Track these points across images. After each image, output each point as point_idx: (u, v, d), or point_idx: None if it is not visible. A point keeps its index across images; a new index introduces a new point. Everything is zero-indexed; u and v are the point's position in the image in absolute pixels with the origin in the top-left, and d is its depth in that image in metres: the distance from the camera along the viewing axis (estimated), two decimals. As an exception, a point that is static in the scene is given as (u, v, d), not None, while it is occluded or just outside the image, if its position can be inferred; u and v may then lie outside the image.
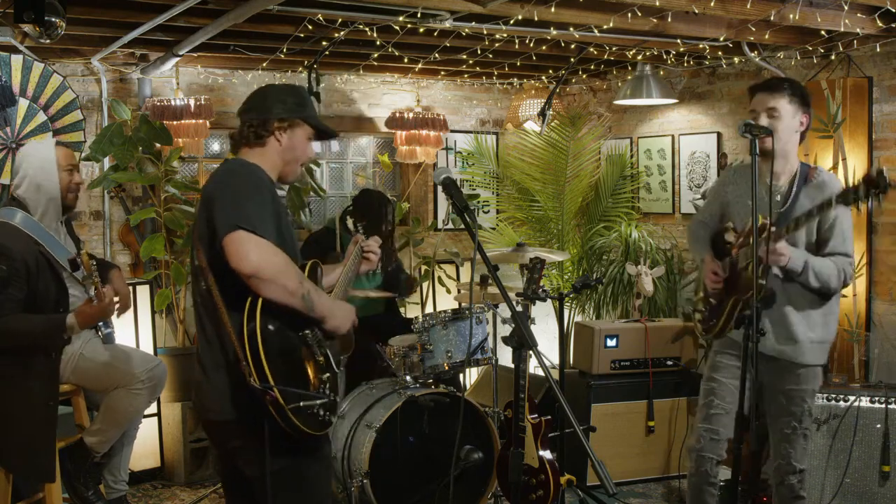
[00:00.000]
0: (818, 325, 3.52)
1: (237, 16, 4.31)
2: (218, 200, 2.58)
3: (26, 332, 3.57)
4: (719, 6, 4.30)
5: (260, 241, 2.50)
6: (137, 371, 3.90)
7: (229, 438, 2.70)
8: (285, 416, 2.50)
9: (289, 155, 2.80)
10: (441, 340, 4.45)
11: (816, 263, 3.41)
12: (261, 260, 2.47)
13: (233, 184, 2.63)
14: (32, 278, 3.59)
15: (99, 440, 3.92)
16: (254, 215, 2.53)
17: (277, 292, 2.51)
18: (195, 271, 2.71)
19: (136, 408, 3.96)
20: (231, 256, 2.48)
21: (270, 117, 2.76)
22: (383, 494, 4.15)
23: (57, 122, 5.25)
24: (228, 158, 2.87)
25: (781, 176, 3.54)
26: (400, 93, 6.73)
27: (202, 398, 2.72)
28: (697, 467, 3.64)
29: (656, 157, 6.53)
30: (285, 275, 2.53)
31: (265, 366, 2.47)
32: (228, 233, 2.49)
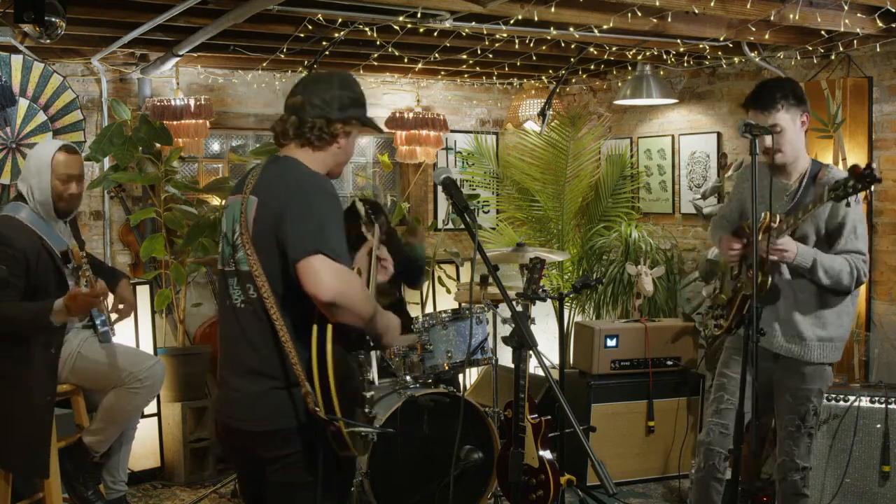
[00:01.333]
0: (830, 324, 3.51)
1: (237, 16, 4.31)
2: (295, 217, 2.45)
3: (15, 317, 3.58)
4: (719, 6, 4.29)
5: (340, 268, 2.42)
6: (135, 370, 3.90)
7: (264, 448, 2.57)
8: (342, 443, 2.47)
9: (342, 157, 2.70)
10: (441, 340, 4.45)
11: (826, 260, 3.40)
12: (342, 289, 2.40)
13: (307, 199, 2.49)
14: (32, 270, 3.62)
15: (98, 439, 3.92)
16: (333, 239, 2.44)
17: (351, 319, 2.45)
18: (240, 274, 2.56)
19: (135, 406, 3.96)
20: (308, 281, 2.39)
21: (335, 119, 2.61)
22: (383, 494, 4.15)
23: (57, 122, 5.25)
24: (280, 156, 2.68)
25: (793, 175, 3.54)
26: (400, 93, 6.73)
27: (233, 406, 2.61)
28: (706, 461, 3.65)
29: (656, 157, 6.53)
30: (362, 303, 2.47)
31: (335, 400, 2.41)
32: (307, 256, 2.40)
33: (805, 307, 3.50)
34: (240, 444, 2.67)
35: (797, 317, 3.50)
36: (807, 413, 3.54)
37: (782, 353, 3.53)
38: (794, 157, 3.51)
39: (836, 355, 3.57)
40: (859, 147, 5.05)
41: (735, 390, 3.61)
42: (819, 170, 3.54)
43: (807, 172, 3.54)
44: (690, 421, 5.30)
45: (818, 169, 3.54)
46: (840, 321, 3.54)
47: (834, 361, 3.59)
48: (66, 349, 3.83)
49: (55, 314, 3.58)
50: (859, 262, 3.44)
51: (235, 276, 2.58)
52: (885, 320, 5.02)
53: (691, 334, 5.35)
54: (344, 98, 2.63)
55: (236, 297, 2.58)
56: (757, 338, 3.12)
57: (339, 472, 2.62)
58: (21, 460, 3.70)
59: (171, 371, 5.21)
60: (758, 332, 3.12)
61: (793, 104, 3.45)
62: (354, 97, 2.67)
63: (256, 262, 2.50)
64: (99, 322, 3.93)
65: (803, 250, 3.38)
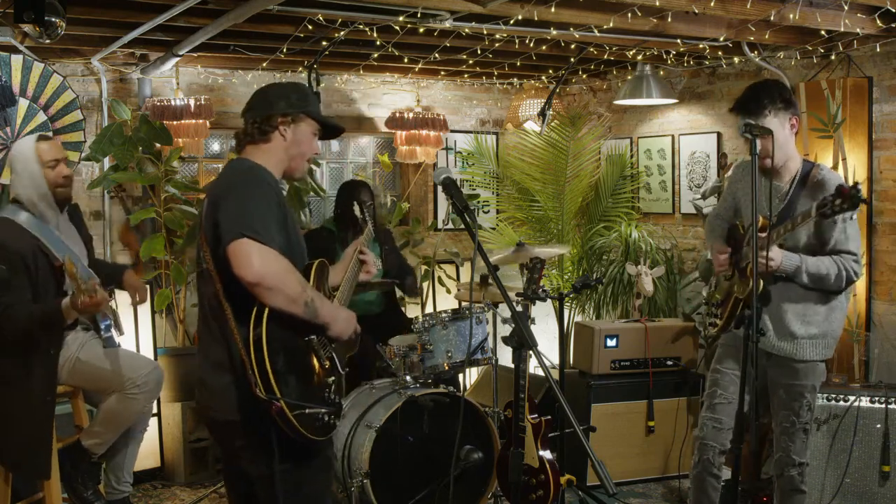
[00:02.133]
0: (821, 322, 3.53)
1: (237, 16, 4.31)
2: (223, 205, 2.58)
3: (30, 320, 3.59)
4: (719, 6, 4.30)
5: (263, 248, 2.49)
6: (134, 375, 3.89)
7: (232, 438, 2.70)
8: (290, 425, 2.51)
9: (294, 150, 2.79)
10: (441, 340, 4.45)
11: (811, 264, 3.42)
12: (264, 268, 2.47)
13: (237, 188, 2.62)
14: (31, 270, 3.63)
15: (96, 442, 3.92)
16: (258, 222, 2.52)
17: (281, 300, 2.51)
18: (202, 272, 2.70)
19: (133, 412, 3.95)
20: (235, 264, 2.48)
21: (274, 113, 2.75)
22: (383, 494, 4.15)
23: (57, 122, 5.25)
24: (233, 158, 2.86)
25: (784, 177, 3.55)
26: (400, 93, 6.73)
27: (205, 397, 2.73)
28: (700, 455, 3.69)
29: (656, 157, 6.53)
30: (288, 283, 2.52)
31: (271, 377, 2.47)
32: (232, 240, 2.49)
33: (796, 306, 3.52)
34: (217, 432, 2.82)
35: (788, 315, 3.52)
36: (801, 409, 3.56)
37: (774, 351, 3.56)
38: (783, 161, 3.52)
39: (828, 352, 3.59)
40: (859, 147, 5.05)
41: (728, 385, 3.64)
42: (810, 170, 3.54)
43: (797, 173, 3.54)
44: (690, 421, 5.30)
45: (809, 168, 3.55)
46: (831, 318, 3.55)
47: (826, 358, 3.61)
48: (65, 353, 3.83)
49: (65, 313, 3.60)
50: (849, 263, 3.46)
51: (202, 274, 2.71)
52: (885, 320, 5.02)
53: (691, 334, 5.35)
54: (287, 95, 2.79)
55: (202, 293, 2.72)
56: (757, 338, 3.12)
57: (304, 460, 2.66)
58: (22, 460, 3.71)
59: (171, 371, 5.21)
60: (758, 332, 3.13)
61: (780, 108, 3.45)
62: (300, 96, 2.81)
63: (209, 257, 2.62)
64: (103, 327, 3.93)
65: (787, 257, 3.41)
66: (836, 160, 5.03)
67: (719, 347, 3.78)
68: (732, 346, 3.67)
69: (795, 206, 3.47)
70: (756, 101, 3.45)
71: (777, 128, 3.44)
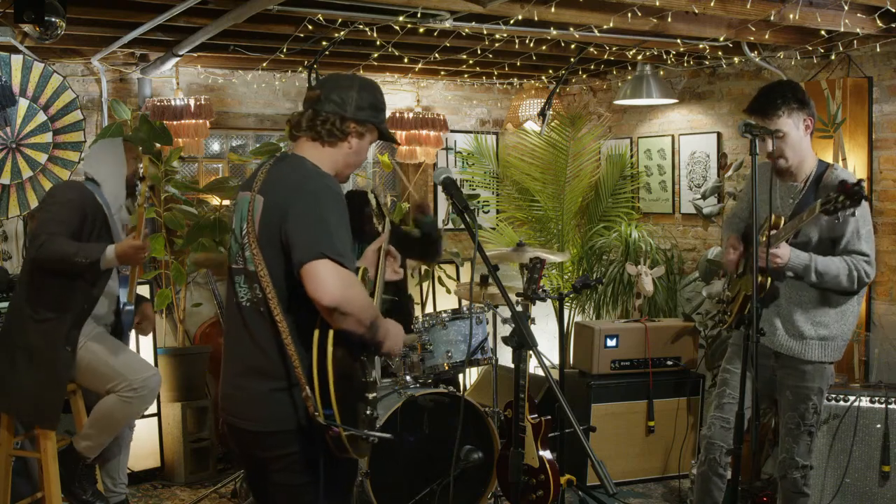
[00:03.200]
0: (832, 323, 3.52)
1: (237, 16, 4.31)
2: (296, 215, 2.44)
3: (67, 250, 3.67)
4: (719, 6, 4.29)
5: (344, 273, 2.39)
6: (132, 378, 3.88)
7: (264, 448, 2.57)
8: (341, 447, 2.46)
9: (353, 159, 2.66)
10: (441, 340, 4.45)
11: (821, 263, 3.40)
12: (345, 295, 2.37)
13: (312, 198, 2.46)
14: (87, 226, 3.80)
15: (88, 445, 3.92)
16: (339, 243, 2.40)
17: (353, 324, 2.42)
18: (247, 273, 2.55)
19: (126, 416, 3.95)
20: (311, 285, 2.36)
21: (350, 118, 2.60)
22: (383, 494, 4.15)
23: (57, 122, 5.25)
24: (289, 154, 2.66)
25: (799, 176, 3.55)
26: (400, 93, 6.73)
27: (237, 404, 2.60)
28: (707, 455, 3.68)
29: (656, 157, 6.53)
30: (364, 310, 2.43)
31: (334, 404, 2.40)
32: (312, 260, 2.37)
33: (807, 306, 3.51)
34: (242, 443, 2.67)
35: (799, 315, 3.51)
36: (806, 411, 3.55)
37: (783, 351, 3.55)
38: (797, 162, 3.51)
39: (836, 354, 3.58)
40: (859, 147, 5.05)
41: (737, 385, 3.63)
42: (824, 170, 3.53)
43: (812, 173, 3.54)
44: (690, 421, 5.30)
45: (824, 169, 3.54)
46: (842, 321, 3.54)
47: (834, 360, 3.59)
48: None
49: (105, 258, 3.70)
50: (861, 264, 3.43)
51: (242, 274, 2.57)
52: (885, 320, 5.02)
53: (691, 334, 5.35)
54: (362, 100, 2.62)
55: (242, 295, 2.57)
56: (757, 338, 3.12)
57: (339, 472, 2.62)
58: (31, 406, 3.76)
59: (171, 371, 5.21)
60: (758, 332, 3.13)
61: (795, 108, 3.44)
62: (374, 101, 2.66)
63: (262, 262, 2.49)
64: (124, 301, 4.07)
65: (796, 255, 3.39)
66: (836, 160, 5.03)
67: (729, 347, 3.78)
68: (741, 346, 3.67)
69: (808, 206, 3.46)
70: (769, 102, 3.44)
71: (791, 128, 3.44)
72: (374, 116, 2.65)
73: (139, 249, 3.73)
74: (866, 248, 3.46)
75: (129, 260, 3.79)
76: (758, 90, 3.58)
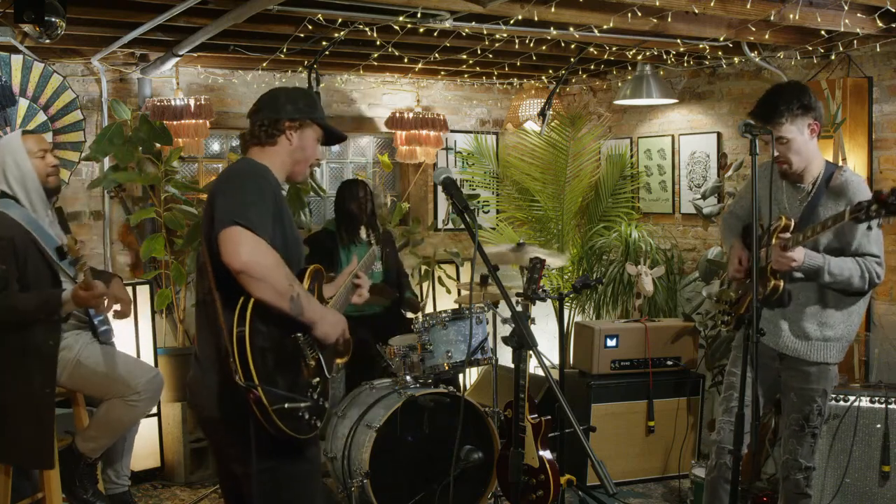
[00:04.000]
0: (838, 324, 3.51)
1: (237, 16, 4.31)
2: (220, 196, 2.61)
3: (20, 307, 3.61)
4: (719, 6, 4.29)
5: (254, 238, 2.50)
6: (134, 382, 3.88)
7: (219, 435, 2.73)
8: (268, 417, 2.51)
9: (299, 155, 2.83)
10: (441, 340, 4.45)
11: (834, 265, 3.38)
12: (252, 257, 2.48)
13: (236, 181, 2.66)
14: (20, 259, 3.65)
15: (91, 446, 3.91)
16: (252, 213, 2.54)
17: (266, 291, 2.51)
18: (200, 267, 2.73)
19: (131, 418, 3.94)
20: (224, 251, 2.49)
21: (282, 117, 2.79)
22: (383, 494, 4.15)
23: (57, 122, 5.25)
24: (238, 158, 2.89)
25: (806, 178, 3.52)
26: (400, 93, 6.73)
27: (195, 394, 2.76)
28: (717, 459, 3.65)
29: (656, 157, 6.53)
30: (275, 275, 2.52)
31: (251, 364, 2.48)
32: (225, 227, 2.51)
33: (814, 307, 3.50)
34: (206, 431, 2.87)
35: (805, 316, 3.50)
36: (811, 413, 3.54)
37: (787, 352, 3.53)
38: (803, 166, 3.49)
39: (840, 356, 3.57)
40: (859, 147, 5.05)
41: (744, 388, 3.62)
42: (833, 172, 3.51)
43: (820, 175, 3.52)
44: (690, 421, 5.30)
45: (832, 171, 3.51)
46: (848, 321, 3.54)
47: (838, 362, 3.58)
48: (67, 354, 3.82)
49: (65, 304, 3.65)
50: (872, 265, 3.42)
51: (199, 269, 2.73)
52: (885, 320, 5.02)
53: (691, 334, 5.35)
54: (292, 100, 2.83)
55: (199, 289, 2.74)
56: (757, 338, 3.11)
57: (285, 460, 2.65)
58: (24, 452, 3.71)
59: (171, 371, 5.21)
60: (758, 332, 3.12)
61: (798, 113, 3.40)
62: (305, 100, 2.86)
63: (206, 250, 2.64)
64: (97, 321, 3.92)
65: (809, 257, 3.37)
66: (836, 160, 5.03)
67: (733, 350, 3.76)
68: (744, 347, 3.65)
69: (818, 208, 3.45)
70: (772, 106, 3.41)
71: (795, 134, 3.40)
72: (307, 111, 2.84)
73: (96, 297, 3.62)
74: (876, 249, 3.44)
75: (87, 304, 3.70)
76: (764, 92, 3.54)
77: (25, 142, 3.87)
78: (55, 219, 3.95)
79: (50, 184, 3.90)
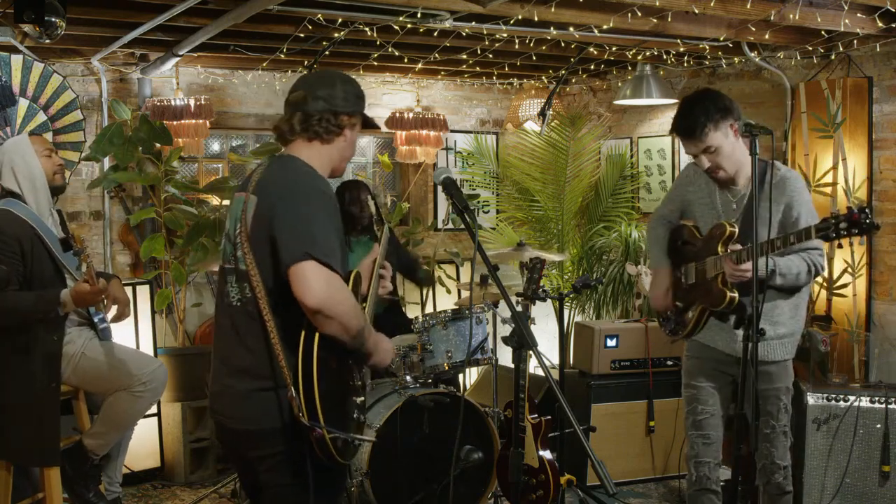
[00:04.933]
0: (787, 320, 3.48)
1: (237, 16, 4.31)
2: (283, 215, 2.44)
3: (24, 306, 3.62)
4: (719, 6, 4.30)
5: (330, 275, 2.39)
6: (139, 373, 3.89)
7: (250, 447, 2.57)
8: (326, 451, 2.45)
9: (348, 152, 2.68)
10: (441, 340, 4.45)
11: (783, 265, 3.34)
12: (329, 297, 2.37)
13: (301, 198, 2.47)
14: (27, 257, 3.67)
15: (98, 443, 3.92)
16: (326, 244, 2.41)
17: (336, 329, 2.42)
18: (238, 273, 2.55)
19: (138, 410, 3.95)
20: (297, 286, 2.37)
21: (343, 111, 2.61)
22: (383, 494, 4.15)
23: (57, 122, 5.25)
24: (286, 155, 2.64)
25: (740, 181, 3.48)
26: (400, 93, 6.73)
27: (224, 404, 2.60)
28: (696, 473, 3.62)
29: (656, 157, 6.53)
30: (349, 315, 2.43)
31: (318, 405, 2.39)
32: (298, 261, 2.37)
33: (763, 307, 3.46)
34: (231, 442, 2.69)
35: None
36: (778, 412, 3.51)
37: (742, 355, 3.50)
38: (736, 169, 3.44)
39: (793, 351, 3.55)
40: (859, 147, 5.05)
41: (706, 399, 3.59)
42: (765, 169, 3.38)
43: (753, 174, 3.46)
44: (690, 421, 5.29)
45: (764, 168, 3.39)
46: (796, 316, 3.51)
47: (793, 356, 3.56)
48: (71, 348, 3.83)
49: (63, 305, 3.65)
50: (815, 258, 3.39)
51: (234, 273, 2.57)
52: (885, 320, 5.02)
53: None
54: (347, 92, 2.63)
55: (233, 294, 2.57)
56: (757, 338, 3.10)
57: (327, 475, 2.61)
58: (25, 446, 3.72)
59: (171, 371, 5.19)
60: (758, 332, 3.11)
61: (718, 119, 3.34)
62: (357, 92, 2.68)
63: (252, 261, 2.48)
64: (97, 319, 3.93)
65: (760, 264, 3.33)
66: (836, 160, 5.03)
67: (687, 360, 3.70)
68: (700, 359, 3.62)
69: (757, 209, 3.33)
70: (693, 122, 3.35)
71: (720, 140, 3.35)
72: (361, 106, 2.68)
73: (97, 293, 3.62)
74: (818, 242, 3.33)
75: (87, 303, 3.70)
76: (677, 107, 3.47)
77: (33, 142, 3.91)
78: (58, 219, 3.97)
79: (56, 182, 3.94)
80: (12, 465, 3.83)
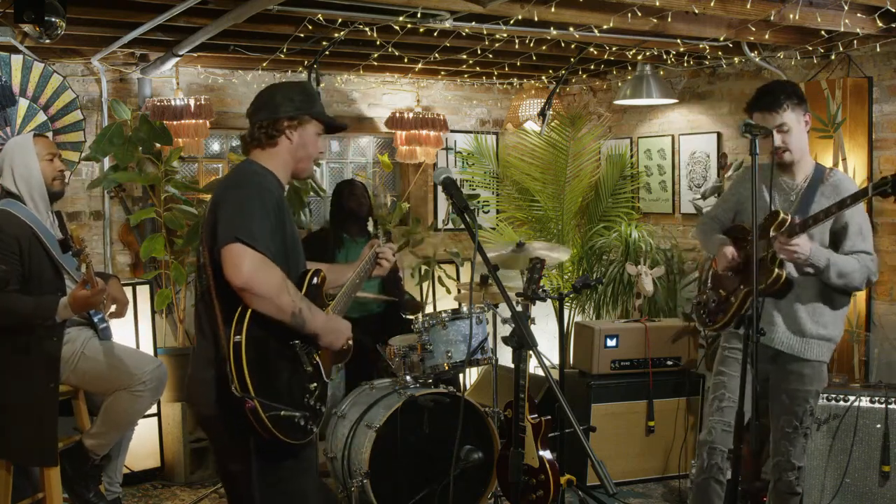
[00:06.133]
0: (830, 324, 3.52)
1: (237, 16, 4.31)
2: (223, 207, 2.63)
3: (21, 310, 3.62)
4: (719, 6, 4.29)
5: (255, 255, 2.53)
6: (139, 372, 3.89)
7: (216, 433, 2.76)
8: (263, 425, 2.55)
9: (301, 152, 2.83)
10: (441, 340, 4.45)
11: (840, 261, 3.40)
12: (253, 275, 2.52)
13: (240, 192, 2.66)
14: (25, 256, 3.67)
15: (99, 443, 3.91)
16: (255, 228, 2.56)
17: (268, 308, 2.56)
18: (199, 267, 2.76)
19: (138, 409, 3.95)
20: (225, 267, 2.53)
21: (280, 116, 2.78)
22: (383, 494, 4.15)
23: (57, 122, 5.25)
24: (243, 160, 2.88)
25: (798, 175, 3.57)
26: (400, 93, 6.73)
27: (193, 392, 2.79)
28: (709, 460, 3.60)
29: (656, 157, 6.53)
30: (277, 293, 2.56)
31: (246, 375, 2.52)
32: (227, 243, 2.54)
33: (809, 304, 3.50)
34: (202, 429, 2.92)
35: (801, 313, 3.50)
36: (804, 414, 3.54)
37: (783, 348, 3.52)
38: (800, 156, 3.55)
39: (830, 354, 3.59)
40: (859, 147, 5.05)
41: (735, 388, 3.58)
42: (824, 172, 3.56)
43: (811, 174, 3.56)
44: (690, 421, 5.30)
45: (822, 171, 3.56)
46: (838, 323, 3.56)
47: (828, 361, 3.59)
48: (70, 348, 3.83)
49: (60, 311, 3.64)
50: (869, 263, 3.45)
51: (198, 267, 2.78)
52: (885, 320, 5.02)
53: (691, 334, 5.35)
54: (287, 96, 2.82)
55: (201, 287, 2.77)
56: (757, 337, 3.11)
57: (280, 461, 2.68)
58: (23, 446, 3.72)
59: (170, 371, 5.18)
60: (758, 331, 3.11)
61: (796, 104, 3.49)
62: (302, 94, 2.84)
63: (206, 253, 2.68)
64: (97, 319, 3.93)
65: (817, 250, 3.37)
66: (836, 160, 5.03)
67: (722, 349, 3.73)
68: (736, 348, 3.63)
69: (812, 206, 3.46)
70: (773, 96, 3.49)
71: (794, 123, 3.48)
72: (305, 107, 2.82)
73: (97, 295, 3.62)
74: (869, 247, 3.48)
75: (86, 308, 3.71)
76: (756, 90, 3.60)
77: (36, 144, 3.89)
78: (56, 221, 3.96)
79: (55, 187, 3.91)
80: (12, 465, 3.83)
